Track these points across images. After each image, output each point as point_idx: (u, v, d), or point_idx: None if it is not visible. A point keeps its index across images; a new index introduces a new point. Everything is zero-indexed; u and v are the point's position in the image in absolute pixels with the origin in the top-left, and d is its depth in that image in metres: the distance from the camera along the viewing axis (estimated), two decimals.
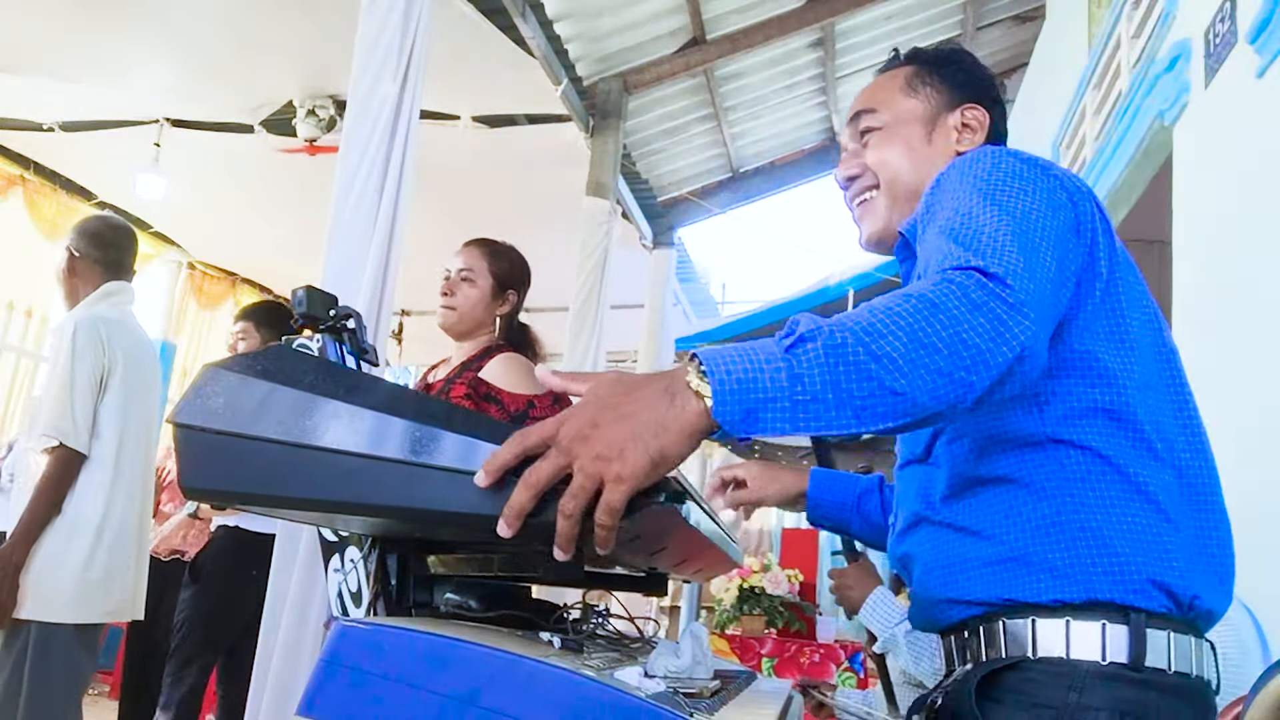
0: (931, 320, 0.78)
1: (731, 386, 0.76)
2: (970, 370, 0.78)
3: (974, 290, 0.80)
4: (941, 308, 0.79)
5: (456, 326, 2.42)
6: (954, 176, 1.01)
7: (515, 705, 0.76)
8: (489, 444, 0.80)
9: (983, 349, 0.79)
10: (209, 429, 0.84)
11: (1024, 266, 0.84)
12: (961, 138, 1.21)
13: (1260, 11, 2.18)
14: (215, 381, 0.86)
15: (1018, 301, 0.81)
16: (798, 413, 0.76)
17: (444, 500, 0.80)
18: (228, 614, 3.37)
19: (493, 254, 2.45)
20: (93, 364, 2.48)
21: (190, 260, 7.52)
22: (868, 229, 1.23)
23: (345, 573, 2.08)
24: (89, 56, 4.97)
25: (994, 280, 0.81)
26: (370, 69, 2.87)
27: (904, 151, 1.20)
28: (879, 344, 0.77)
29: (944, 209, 0.96)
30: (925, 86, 1.24)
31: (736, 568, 2.96)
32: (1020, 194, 0.94)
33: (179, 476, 0.87)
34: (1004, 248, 0.85)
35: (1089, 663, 0.91)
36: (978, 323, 0.79)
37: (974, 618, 1.00)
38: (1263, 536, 2.06)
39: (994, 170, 0.97)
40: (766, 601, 4.33)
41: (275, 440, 0.82)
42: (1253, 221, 2.30)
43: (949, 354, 0.78)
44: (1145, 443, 0.96)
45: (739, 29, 5.59)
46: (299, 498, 0.84)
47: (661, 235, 7.00)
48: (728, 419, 0.76)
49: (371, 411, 0.82)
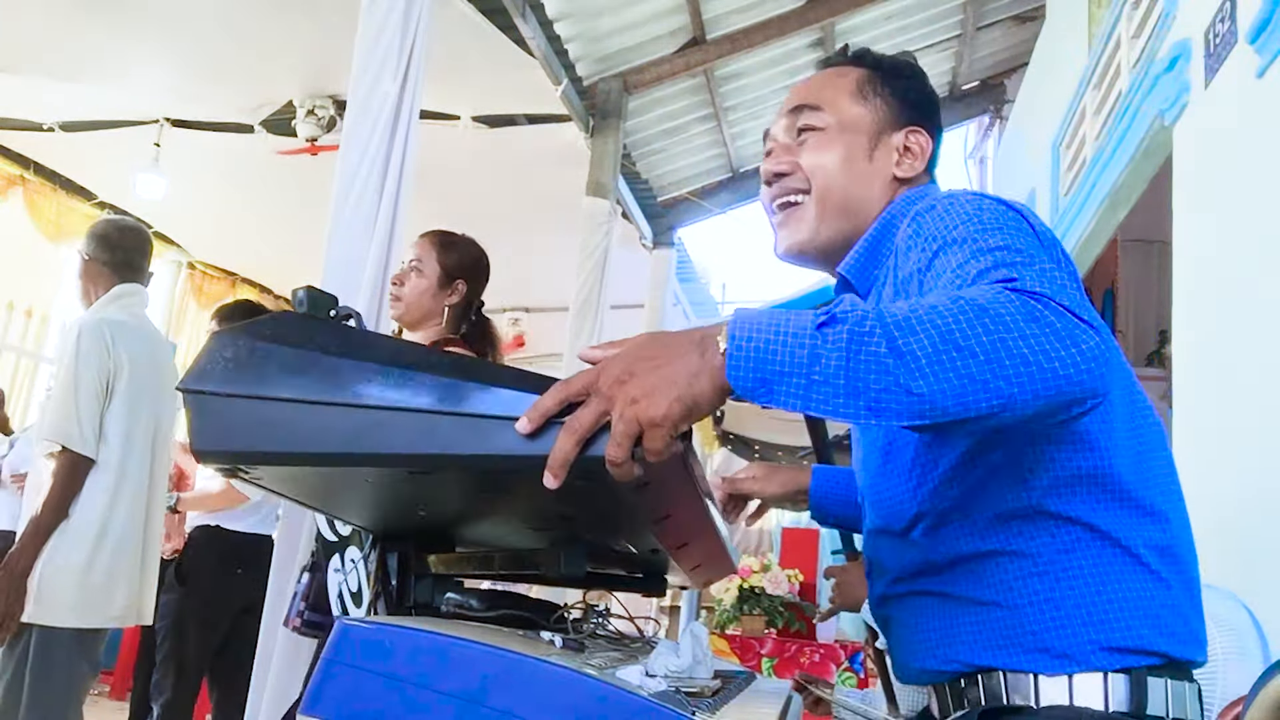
0: (976, 324, 0.74)
1: (749, 353, 0.76)
2: (1012, 381, 0.73)
3: (1034, 305, 0.75)
4: (991, 313, 0.74)
5: (404, 317, 2.43)
6: (939, 217, 0.95)
7: (518, 704, 0.76)
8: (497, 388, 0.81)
9: (1032, 360, 0.73)
10: (219, 393, 0.85)
11: (1081, 301, 0.78)
12: (902, 161, 1.15)
13: (1260, 11, 2.19)
14: (224, 347, 0.87)
15: (1088, 323, 0.76)
16: (811, 392, 0.75)
17: (459, 444, 0.80)
18: (213, 616, 3.34)
19: (442, 244, 2.44)
20: (97, 368, 2.47)
21: (190, 260, 7.52)
22: (791, 238, 1.16)
23: (345, 573, 2.08)
24: (89, 56, 4.97)
25: (1059, 304, 0.76)
26: (370, 69, 2.87)
27: (843, 162, 1.14)
28: (906, 339, 0.74)
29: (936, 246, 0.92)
30: (876, 96, 1.17)
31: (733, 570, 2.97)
32: (1018, 232, 0.90)
33: (191, 442, 0.88)
34: (1053, 282, 0.79)
35: (1093, 710, 0.92)
36: (1033, 333, 0.73)
37: (971, 672, 0.99)
38: (1263, 537, 2.06)
39: (980, 210, 0.93)
40: (766, 601, 4.33)
41: (286, 399, 0.83)
42: (1253, 221, 2.30)
43: (986, 361, 0.73)
44: (1131, 503, 0.95)
45: (739, 29, 5.59)
46: (309, 453, 0.84)
47: (661, 235, 7.00)
48: (741, 384, 0.76)
49: (376, 365, 0.83)
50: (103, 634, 2.56)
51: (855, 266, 1.11)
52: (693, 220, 7.37)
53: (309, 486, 1.04)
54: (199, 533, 3.45)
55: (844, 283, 1.13)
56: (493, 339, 2.49)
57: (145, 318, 2.73)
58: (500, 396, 0.80)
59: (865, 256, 1.11)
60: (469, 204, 5.88)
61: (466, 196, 5.86)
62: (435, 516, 1.06)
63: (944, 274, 0.88)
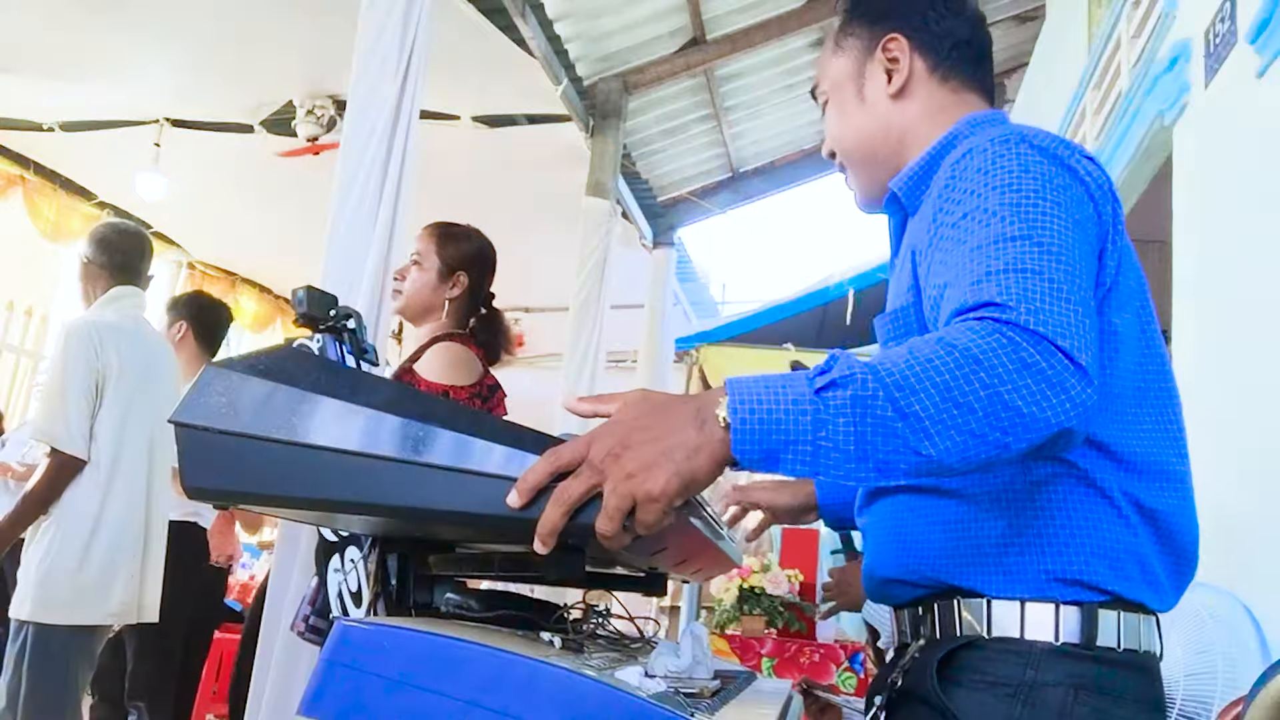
0: (971, 377, 0.75)
1: (753, 425, 0.76)
2: (1007, 432, 0.75)
3: (1025, 349, 0.76)
4: (984, 364, 0.75)
5: (406, 311, 2.40)
6: (973, 171, 0.95)
7: (517, 705, 0.76)
8: (490, 444, 0.80)
9: (1024, 412, 0.75)
10: (211, 428, 0.84)
11: (1079, 329, 0.80)
12: (891, 82, 1.13)
13: (1260, 11, 2.18)
14: (217, 381, 0.86)
15: (1079, 366, 0.77)
16: (819, 459, 0.76)
17: (446, 500, 0.80)
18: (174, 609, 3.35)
19: (442, 236, 2.41)
20: (85, 370, 2.49)
21: (190, 260, 7.52)
22: (855, 196, 1.22)
23: (345, 573, 2.08)
24: (89, 56, 4.97)
25: (1050, 343, 0.77)
26: (370, 69, 2.87)
27: (841, 120, 1.17)
28: (909, 400, 0.75)
29: (965, 209, 0.92)
30: (848, 38, 1.17)
31: (736, 568, 2.96)
32: (1053, 214, 0.88)
33: (181, 476, 0.87)
34: (1056, 304, 0.80)
35: (1043, 643, 0.93)
36: (1024, 384, 0.75)
37: (929, 595, 1.01)
38: (1263, 537, 2.06)
39: (1021, 176, 0.91)
40: (766, 601, 4.32)
41: (278, 440, 0.82)
42: (1253, 221, 2.30)
43: (984, 415, 0.75)
44: (1121, 460, 0.96)
45: (739, 29, 5.59)
46: (302, 497, 0.84)
47: (661, 235, 7.00)
48: (747, 457, 0.76)
49: (374, 411, 0.82)
50: (101, 631, 2.56)
51: (907, 185, 1.10)
52: (693, 220, 7.37)
53: (304, 513, 1.04)
54: None
55: (893, 198, 1.12)
56: (503, 332, 2.45)
57: (141, 319, 2.75)
58: (495, 454, 0.80)
59: (918, 177, 1.10)
60: (469, 204, 5.87)
61: (466, 196, 5.85)
62: (432, 536, 1.06)
63: (957, 256, 0.89)
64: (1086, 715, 0.92)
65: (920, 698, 0.97)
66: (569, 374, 5.25)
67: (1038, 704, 0.92)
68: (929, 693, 0.95)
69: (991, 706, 0.93)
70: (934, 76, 1.13)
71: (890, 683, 1.01)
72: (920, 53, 1.13)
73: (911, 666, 1.00)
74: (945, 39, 1.13)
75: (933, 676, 0.95)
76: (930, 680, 0.95)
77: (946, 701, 0.93)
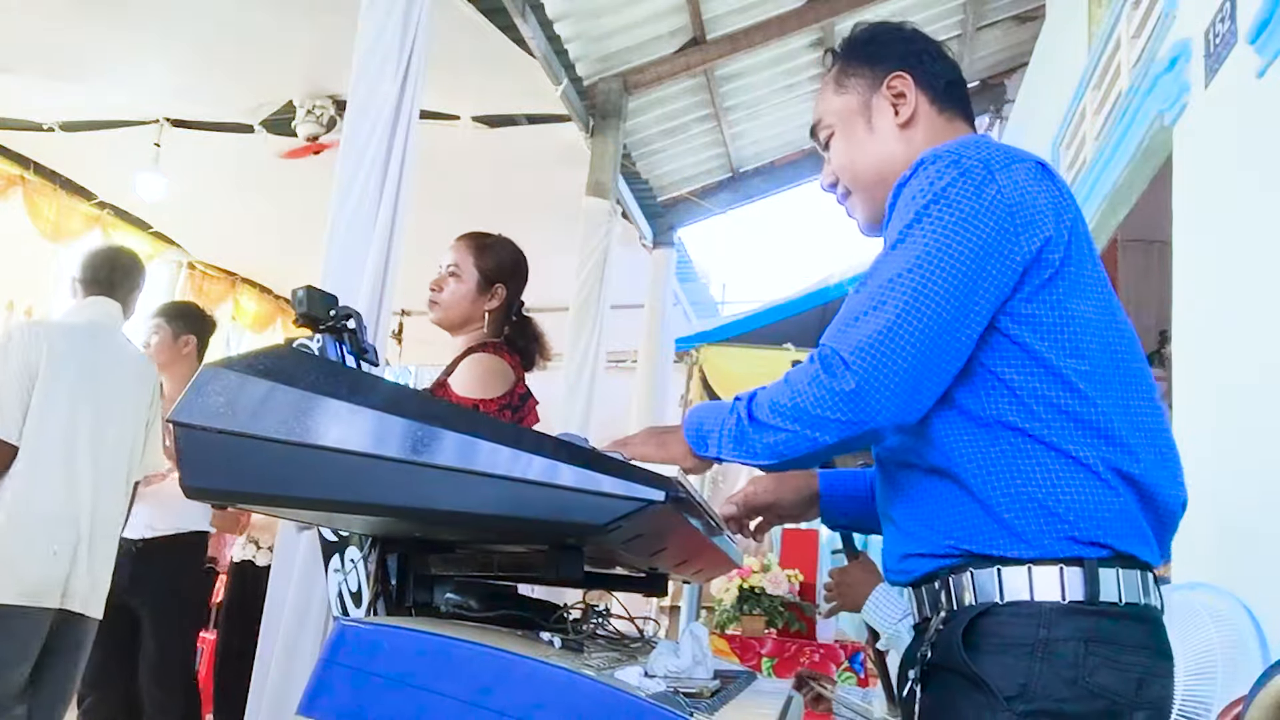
0: (782, 393, 1.07)
1: (692, 419, 1.14)
2: (811, 427, 1.04)
3: (822, 370, 1.04)
4: (792, 383, 1.06)
5: (444, 322, 2.40)
6: (908, 193, 1.11)
7: (516, 705, 0.76)
8: (489, 443, 0.80)
9: (816, 415, 1.03)
10: (209, 428, 0.84)
11: (876, 361, 1.03)
12: (899, 111, 1.27)
13: (1260, 11, 2.18)
14: (215, 381, 0.86)
15: (855, 390, 1.02)
16: (722, 442, 1.10)
17: (445, 500, 0.80)
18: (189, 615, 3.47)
19: (479, 248, 2.42)
20: (19, 362, 2.62)
21: (190, 260, 7.51)
22: (859, 223, 1.34)
23: (345, 573, 2.08)
24: (89, 56, 4.96)
25: (843, 361, 1.03)
26: (370, 69, 2.87)
27: (853, 151, 1.29)
28: (753, 409, 1.08)
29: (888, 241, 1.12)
30: (850, 78, 1.31)
31: (736, 568, 2.96)
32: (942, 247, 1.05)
33: (180, 476, 0.87)
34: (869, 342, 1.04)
35: (1051, 603, 1.05)
36: (815, 394, 1.04)
37: (944, 569, 1.12)
38: (1263, 537, 2.05)
39: (931, 203, 1.08)
40: (766, 601, 4.32)
41: (276, 439, 0.82)
42: (1252, 221, 2.30)
43: (793, 418, 1.05)
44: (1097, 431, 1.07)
45: (739, 29, 5.58)
46: (300, 497, 0.84)
47: (661, 235, 6.99)
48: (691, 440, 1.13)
49: (373, 411, 0.82)
50: (28, 615, 2.57)
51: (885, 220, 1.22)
52: (693, 220, 7.36)
53: (304, 513, 1.04)
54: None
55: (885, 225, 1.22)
56: (538, 338, 2.46)
57: (101, 324, 2.85)
58: (493, 454, 0.81)
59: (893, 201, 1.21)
60: (469, 204, 5.88)
61: (466, 196, 5.86)
62: (431, 536, 1.06)
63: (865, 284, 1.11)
64: (1098, 664, 1.02)
65: (950, 668, 1.08)
66: (569, 374, 5.25)
67: (1053, 658, 1.03)
68: (959, 663, 1.06)
69: (1012, 666, 1.03)
70: (933, 108, 1.28)
71: (920, 656, 1.12)
72: (920, 87, 1.28)
73: (937, 639, 1.10)
74: (940, 78, 1.29)
75: (959, 647, 1.06)
76: (958, 650, 1.06)
77: (975, 669, 1.04)
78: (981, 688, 1.04)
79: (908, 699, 1.14)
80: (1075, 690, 1.01)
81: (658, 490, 0.80)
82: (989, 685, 1.03)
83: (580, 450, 0.85)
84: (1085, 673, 1.02)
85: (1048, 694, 1.01)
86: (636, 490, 0.80)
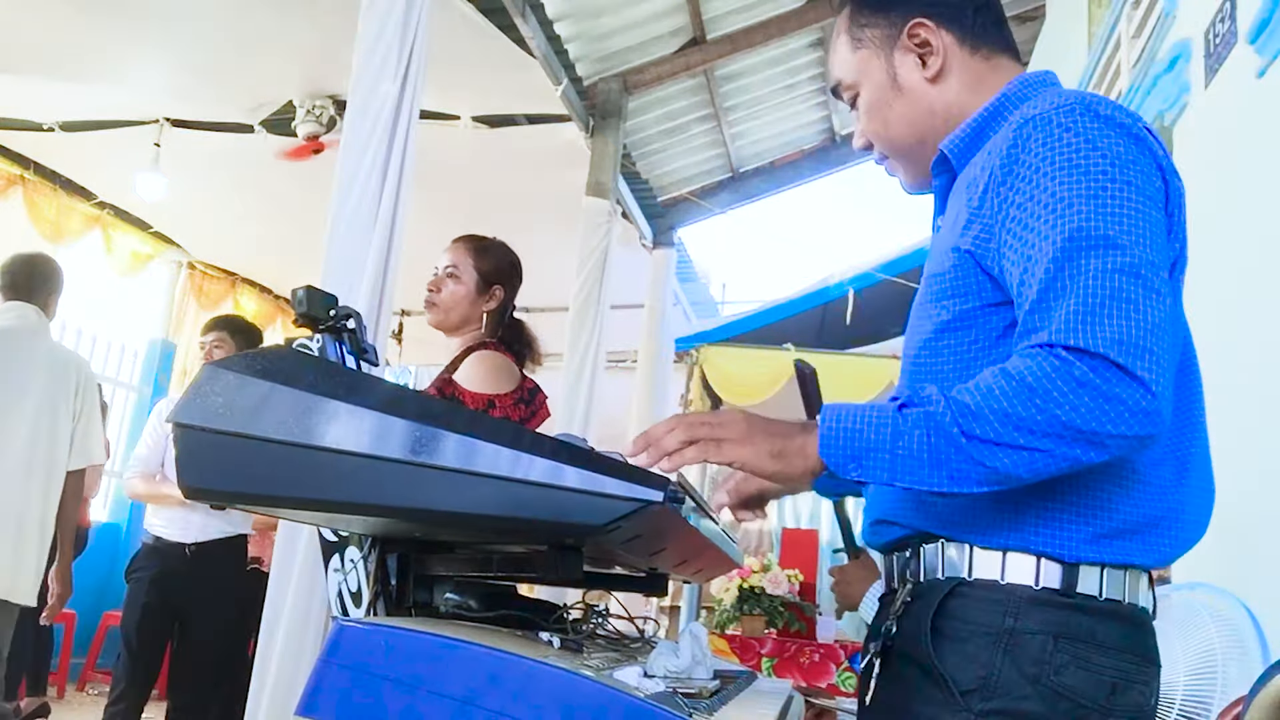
0: (1029, 403, 0.84)
1: (838, 432, 0.90)
2: (1073, 445, 0.84)
3: (1078, 369, 0.83)
4: (1038, 390, 0.84)
5: (442, 323, 2.42)
6: (1037, 145, 0.95)
7: (515, 705, 0.76)
8: (488, 444, 0.80)
9: (1084, 428, 0.83)
10: (208, 428, 0.84)
11: (1138, 340, 0.84)
12: (926, 63, 1.11)
13: (1260, 11, 2.18)
14: (215, 381, 0.86)
15: (1135, 378, 0.83)
16: (896, 465, 0.88)
17: (444, 500, 0.80)
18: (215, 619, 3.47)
19: (477, 250, 2.44)
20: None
21: (190, 260, 7.51)
22: (902, 183, 1.20)
23: (345, 573, 2.07)
24: (89, 56, 4.96)
25: (1105, 360, 0.83)
26: (370, 69, 2.87)
27: (882, 109, 1.14)
28: (972, 424, 0.85)
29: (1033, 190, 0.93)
30: (864, 29, 1.14)
31: (736, 568, 2.96)
32: (1127, 199, 0.90)
33: (179, 476, 0.87)
34: (1119, 321, 0.84)
35: (1023, 587, 0.95)
36: (1082, 402, 0.83)
37: (915, 535, 1.03)
38: (1263, 537, 2.06)
39: (1090, 154, 0.92)
40: (766, 601, 4.32)
41: (275, 440, 0.82)
42: (1252, 221, 2.30)
43: (1044, 434, 0.83)
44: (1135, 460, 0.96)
45: (739, 29, 5.59)
46: (300, 498, 0.84)
47: (661, 235, 6.99)
48: (832, 459, 0.91)
49: (372, 411, 0.82)
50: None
51: (958, 146, 1.10)
52: (693, 220, 7.36)
53: (303, 513, 1.04)
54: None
55: (942, 158, 1.11)
56: (531, 341, 2.48)
57: (14, 328, 3.01)
58: (492, 455, 0.80)
59: (970, 137, 1.09)
60: (469, 204, 5.88)
61: (466, 196, 5.85)
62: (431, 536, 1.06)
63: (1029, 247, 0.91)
64: (1065, 663, 0.93)
65: (910, 656, 1.00)
66: (569, 374, 5.25)
67: (1017, 652, 0.94)
68: (920, 652, 0.98)
69: (972, 656, 0.95)
70: (964, 49, 1.12)
71: (885, 630, 1.03)
72: (947, 29, 1.11)
73: (904, 614, 1.02)
74: (965, 7, 1.12)
75: (926, 634, 0.98)
76: (924, 639, 0.98)
77: (937, 662, 0.96)
78: (938, 683, 0.96)
79: (864, 672, 1.05)
80: (1038, 689, 0.92)
81: (657, 490, 0.80)
82: (947, 680, 0.95)
83: (579, 451, 0.85)
84: (1050, 670, 0.92)
85: (1007, 690, 0.93)
86: (636, 491, 0.79)
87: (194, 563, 3.37)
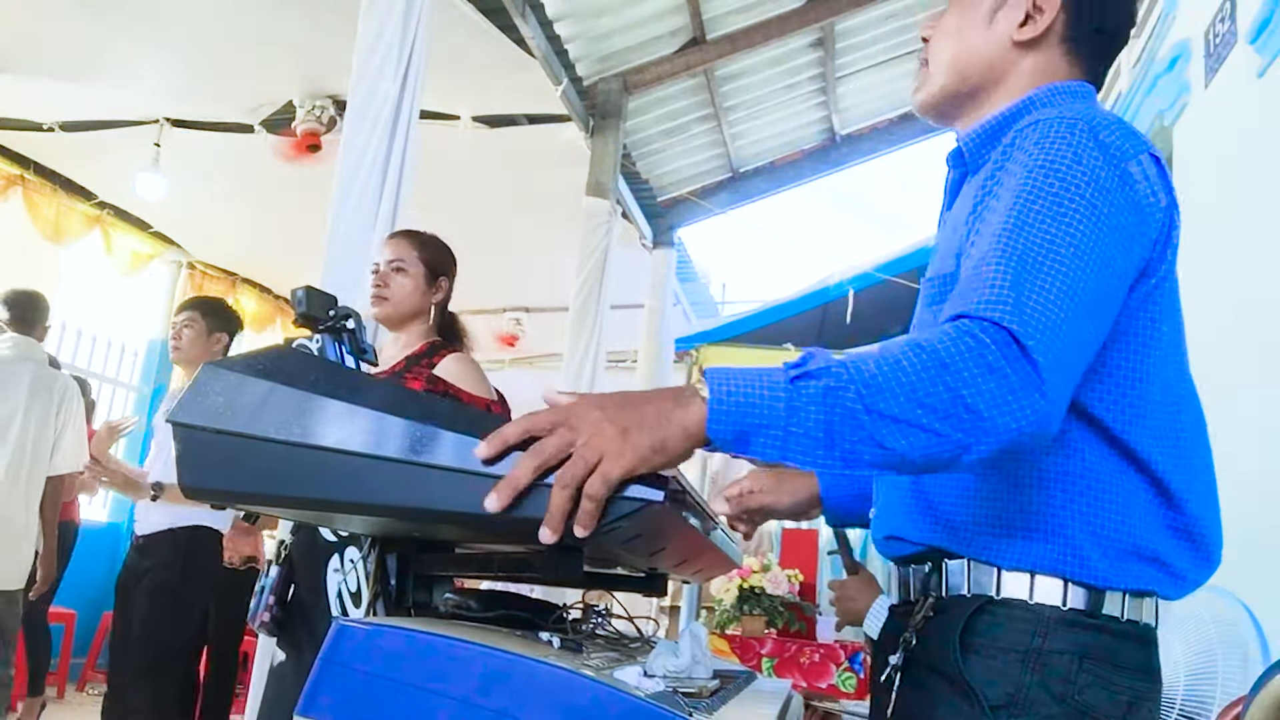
0: (937, 380, 0.79)
1: (728, 406, 0.80)
2: (968, 434, 0.79)
3: (992, 353, 0.79)
4: (950, 367, 0.79)
5: (392, 317, 2.42)
6: (1030, 144, 0.95)
7: (515, 705, 0.76)
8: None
9: (985, 415, 0.79)
10: (208, 428, 0.84)
11: (1057, 338, 0.82)
12: (1027, 22, 1.08)
13: (1260, 11, 2.18)
14: (215, 380, 0.85)
15: (1040, 379, 0.80)
16: (789, 444, 0.80)
17: (444, 500, 0.80)
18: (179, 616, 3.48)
19: (421, 243, 2.45)
20: None
21: (190, 260, 7.51)
22: (919, 96, 1.17)
23: (345, 573, 2.08)
24: (89, 56, 4.96)
25: (1021, 348, 0.80)
26: (370, 69, 2.87)
27: (955, 36, 1.12)
28: (876, 399, 0.79)
29: (1010, 185, 0.93)
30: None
31: (736, 568, 2.96)
32: (1086, 219, 0.89)
33: (179, 476, 0.87)
34: (1044, 311, 0.82)
35: (1050, 608, 0.97)
36: (987, 388, 0.79)
37: (937, 550, 1.02)
38: (1263, 537, 2.05)
39: (1070, 165, 0.92)
40: (766, 601, 4.32)
41: (275, 440, 0.82)
42: (1253, 221, 2.30)
43: (945, 415, 0.79)
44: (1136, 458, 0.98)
45: (739, 29, 5.59)
46: (299, 497, 0.84)
47: (661, 235, 6.99)
48: (720, 436, 0.81)
49: (372, 411, 0.82)
50: None
51: (975, 142, 1.10)
52: (693, 220, 7.36)
53: (303, 512, 1.04)
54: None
55: (958, 154, 1.11)
56: (463, 333, 2.52)
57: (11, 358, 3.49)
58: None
59: (987, 135, 1.09)
60: (469, 204, 5.88)
61: (466, 196, 5.85)
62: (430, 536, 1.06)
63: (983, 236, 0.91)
64: (1090, 683, 0.96)
65: (935, 668, 1.00)
66: (569, 374, 5.25)
67: (1045, 670, 0.95)
68: (949, 668, 0.98)
69: (1001, 673, 0.96)
70: (1063, 44, 1.10)
71: (904, 641, 1.03)
72: (1066, 14, 1.09)
73: (925, 629, 1.02)
74: (1094, 17, 1.09)
75: (956, 648, 0.98)
76: (953, 654, 0.98)
77: (967, 676, 0.96)
78: (967, 696, 0.97)
79: (884, 684, 1.05)
80: (1064, 707, 0.95)
81: (657, 490, 0.80)
82: (976, 694, 0.96)
83: None
84: (1075, 690, 0.95)
85: (1035, 708, 0.95)
86: (635, 490, 0.79)
87: (138, 554, 3.37)
